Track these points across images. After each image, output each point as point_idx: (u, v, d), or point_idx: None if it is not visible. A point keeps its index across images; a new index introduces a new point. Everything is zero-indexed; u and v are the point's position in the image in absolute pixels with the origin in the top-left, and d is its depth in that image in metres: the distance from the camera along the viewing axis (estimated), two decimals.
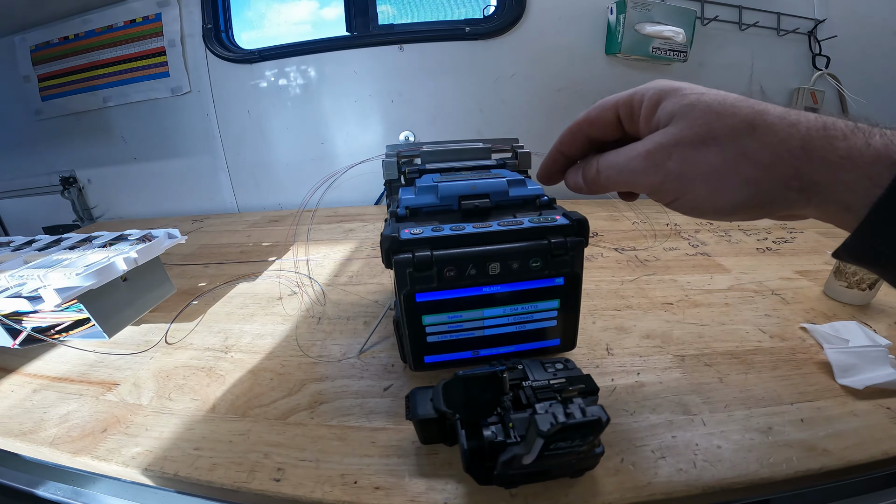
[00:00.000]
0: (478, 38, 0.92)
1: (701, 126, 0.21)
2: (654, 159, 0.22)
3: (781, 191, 0.20)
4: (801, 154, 0.19)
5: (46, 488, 0.42)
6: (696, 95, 0.22)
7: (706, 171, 0.21)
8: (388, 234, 0.32)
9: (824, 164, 0.19)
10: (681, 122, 0.22)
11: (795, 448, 0.31)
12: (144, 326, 0.51)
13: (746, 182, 0.20)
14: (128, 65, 1.00)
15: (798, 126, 0.19)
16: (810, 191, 0.19)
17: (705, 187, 0.21)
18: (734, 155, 0.20)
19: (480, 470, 0.27)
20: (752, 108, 0.20)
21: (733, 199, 0.21)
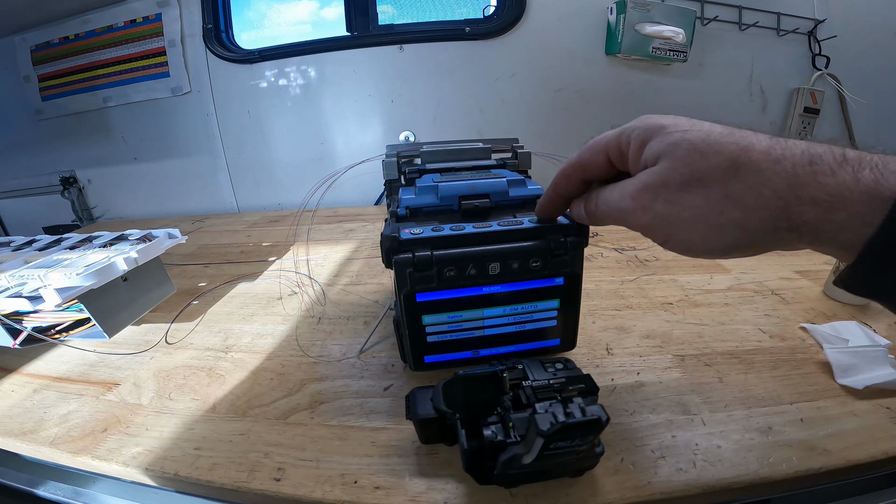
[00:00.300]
0: (478, 38, 0.92)
1: (686, 167, 0.21)
2: (643, 201, 0.23)
3: (771, 231, 0.20)
4: (787, 194, 0.19)
5: (46, 488, 0.42)
6: (681, 133, 0.21)
7: (692, 214, 0.21)
8: (388, 234, 0.32)
9: (813, 205, 0.19)
10: (666, 161, 0.22)
11: (795, 448, 0.31)
12: (145, 326, 0.51)
13: (734, 225, 0.20)
14: (128, 65, 1.00)
15: (783, 163, 0.19)
16: (801, 230, 0.19)
17: (694, 230, 0.22)
18: (719, 198, 0.20)
19: (480, 470, 0.27)
20: (737, 145, 0.20)
21: (723, 241, 0.21)
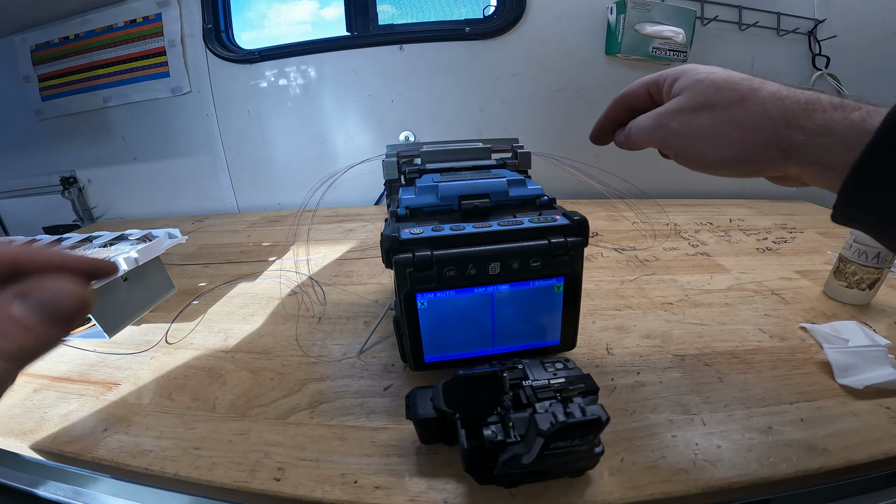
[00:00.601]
0: (478, 38, 0.92)
1: (700, 96, 0.26)
2: (661, 120, 0.28)
3: (761, 150, 0.24)
4: (780, 121, 0.23)
5: (47, 488, 0.42)
6: (706, 73, 0.27)
7: (699, 132, 0.26)
8: (389, 233, 0.32)
9: (801, 131, 0.23)
10: (687, 93, 0.27)
11: (795, 448, 0.31)
12: (145, 326, 0.51)
13: (731, 142, 0.25)
14: (128, 65, 1.00)
15: (784, 100, 0.23)
16: (789, 151, 0.23)
17: (699, 144, 0.26)
18: (723, 120, 0.25)
19: (480, 469, 0.27)
20: (750, 85, 0.25)
21: (722, 155, 0.26)
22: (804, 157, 0.23)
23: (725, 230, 0.75)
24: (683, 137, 0.27)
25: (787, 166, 0.24)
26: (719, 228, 0.76)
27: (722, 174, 0.27)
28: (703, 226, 0.78)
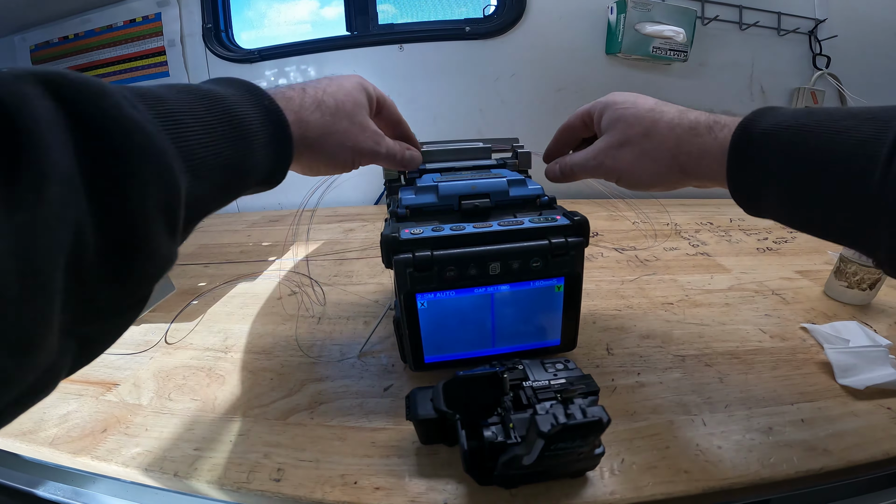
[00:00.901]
0: (478, 37, 0.92)
1: (620, 134, 0.32)
2: (598, 158, 0.34)
3: (669, 173, 0.31)
4: (674, 149, 0.30)
5: (46, 488, 0.42)
6: (623, 109, 0.32)
7: (625, 165, 0.32)
8: (388, 234, 0.32)
9: (689, 156, 0.29)
10: (611, 130, 0.33)
11: (796, 448, 0.31)
12: (144, 326, 0.51)
13: (648, 170, 0.31)
14: (128, 64, 1.00)
15: (675, 129, 0.30)
16: (686, 171, 0.30)
17: (628, 174, 0.33)
18: (638, 153, 0.31)
19: (480, 470, 0.27)
20: (651, 119, 0.31)
21: (646, 180, 0.32)
22: (697, 174, 0.30)
23: (726, 230, 0.75)
24: (616, 171, 0.33)
25: (692, 182, 0.31)
26: (720, 228, 0.76)
27: (654, 191, 0.34)
28: (704, 225, 0.78)
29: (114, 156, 0.15)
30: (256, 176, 0.25)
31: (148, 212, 0.16)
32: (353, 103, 0.31)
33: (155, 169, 0.16)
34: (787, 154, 0.24)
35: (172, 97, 0.19)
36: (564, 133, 0.39)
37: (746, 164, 0.26)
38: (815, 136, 0.23)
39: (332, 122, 0.30)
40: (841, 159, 0.21)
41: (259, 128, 0.24)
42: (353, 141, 0.31)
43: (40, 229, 0.12)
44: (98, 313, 0.16)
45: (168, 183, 0.17)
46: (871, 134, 0.20)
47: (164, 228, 0.17)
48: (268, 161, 0.25)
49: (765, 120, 0.25)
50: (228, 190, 0.23)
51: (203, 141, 0.20)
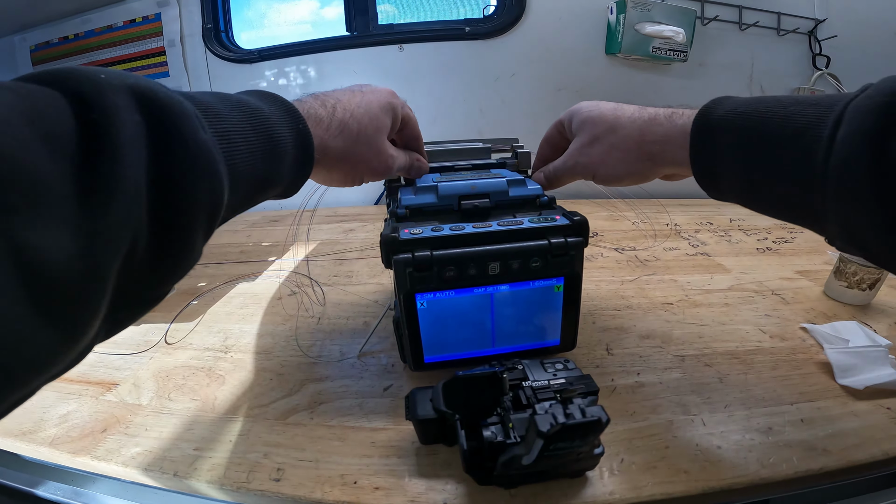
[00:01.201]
0: (478, 37, 0.92)
1: (589, 133, 0.35)
2: (574, 158, 0.37)
3: (638, 162, 0.33)
4: (639, 138, 0.32)
5: (46, 488, 0.42)
6: (587, 112, 0.36)
7: (597, 159, 0.35)
8: (388, 234, 0.32)
9: (653, 143, 0.32)
10: (581, 132, 0.36)
11: (795, 448, 0.31)
12: (144, 326, 0.51)
13: (618, 161, 0.34)
14: (128, 65, 1.00)
15: (636, 122, 0.33)
16: (653, 158, 0.32)
17: (602, 168, 0.35)
18: (607, 147, 0.34)
19: (480, 470, 0.27)
20: (614, 116, 0.34)
21: (617, 171, 0.35)
22: (663, 160, 0.32)
23: (726, 230, 0.75)
24: (590, 166, 0.36)
25: (660, 169, 0.33)
26: (719, 228, 0.76)
27: (626, 185, 0.36)
28: (704, 226, 0.78)
29: (181, 174, 0.17)
30: (277, 189, 0.27)
31: (196, 224, 0.18)
32: (375, 128, 0.32)
33: (209, 186, 0.18)
34: (741, 136, 0.26)
35: (227, 114, 0.21)
36: (545, 145, 0.42)
37: (706, 146, 0.28)
38: (766, 119, 0.25)
39: (351, 147, 0.31)
40: (788, 140, 0.24)
41: (290, 149, 0.25)
42: (367, 165, 0.33)
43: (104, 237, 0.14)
44: (134, 303, 0.18)
45: (216, 199, 0.19)
46: (814, 118, 0.23)
47: (203, 236, 0.19)
48: (290, 178, 0.27)
49: (721, 107, 0.28)
50: (253, 200, 0.25)
51: (246, 159, 0.22)
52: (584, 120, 0.36)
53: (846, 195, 0.21)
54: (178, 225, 0.17)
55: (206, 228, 0.19)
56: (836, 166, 0.21)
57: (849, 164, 0.21)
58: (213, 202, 0.19)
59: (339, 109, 0.30)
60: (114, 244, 0.14)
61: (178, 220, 0.17)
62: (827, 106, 0.22)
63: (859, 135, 0.20)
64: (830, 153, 0.21)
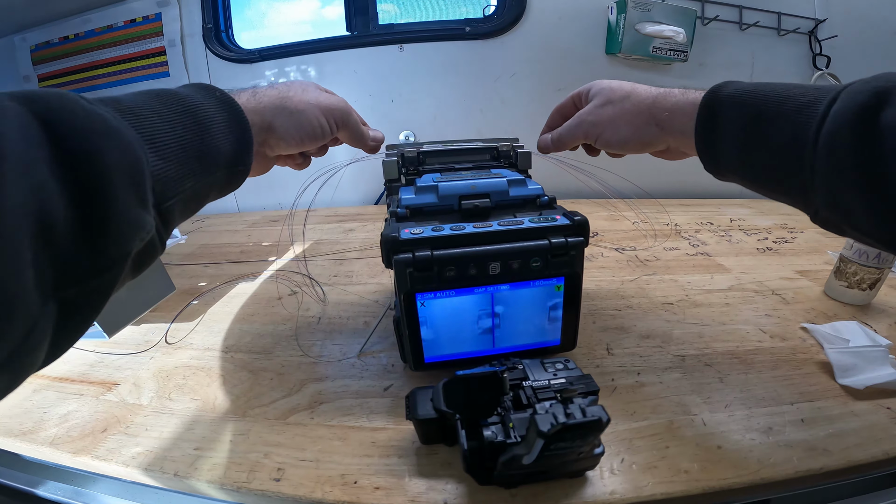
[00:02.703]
0: (478, 37, 0.92)
1: (603, 97, 0.38)
2: (582, 117, 0.39)
3: (646, 127, 0.35)
4: (652, 105, 0.34)
5: (46, 488, 0.42)
6: (608, 82, 0.38)
7: (605, 119, 0.37)
8: (388, 234, 0.32)
9: (663, 110, 0.34)
10: (595, 97, 0.38)
11: (796, 448, 0.31)
12: (144, 326, 0.51)
13: (627, 123, 0.36)
14: (128, 64, 1.00)
15: (651, 92, 0.35)
16: (661, 125, 0.34)
17: (607, 129, 0.37)
18: (619, 109, 0.36)
19: (480, 470, 0.27)
20: (632, 87, 0.37)
21: (624, 134, 0.36)
22: (670, 128, 0.33)
23: (726, 230, 0.75)
24: (597, 125, 0.38)
25: (664, 137, 0.34)
26: (720, 228, 0.76)
27: (625, 150, 0.38)
28: (704, 226, 0.78)
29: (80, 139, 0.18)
30: (222, 158, 0.27)
31: (112, 176, 0.18)
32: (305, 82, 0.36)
33: (115, 143, 0.19)
34: (744, 111, 0.28)
35: (127, 97, 0.23)
36: (555, 114, 0.44)
37: (713, 119, 0.30)
38: (768, 98, 0.27)
39: (286, 90, 0.33)
40: (787, 116, 0.25)
41: (215, 114, 0.27)
42: (315, 98, 0.35)
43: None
44: (75, 275, 0.18)
45: (130, 154, 0.20)
46: (813, 98, 0.25)
47: (131, 193, 0.20)
48: (230, 143, 0.28)
49: (730, 86, 0.30)
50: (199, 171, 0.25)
51: (161, 128, 0.23)
52: (603, 87, 0.38)
53: (833, 161, 0.23)
54: (95, 186, 0.18)
55: (133, 185, 0.20)
56: (825, 135, 0.23)
57: (838, 133, 0.22)
58: (124, 158, 0.19)
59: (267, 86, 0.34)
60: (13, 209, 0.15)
61: (93, 181, 0.18)
62: (827, 89, 0.24)
63: (851, 109, 0.22)
64: (822, 126, 0.23)
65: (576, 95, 0.41)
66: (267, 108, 0.32)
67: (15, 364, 0.16)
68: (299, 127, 0.33)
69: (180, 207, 0.24)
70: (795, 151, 0.25)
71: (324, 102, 0.35)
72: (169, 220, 0.23)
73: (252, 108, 0.31)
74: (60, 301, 0.17)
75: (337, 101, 0.37)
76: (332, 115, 0.36)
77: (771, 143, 0.27)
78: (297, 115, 0.33)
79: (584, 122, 0.38)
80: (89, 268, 0.18)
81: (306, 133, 0.34)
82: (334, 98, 0.37)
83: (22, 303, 0.15)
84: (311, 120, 0.34)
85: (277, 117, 0.32)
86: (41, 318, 0.17)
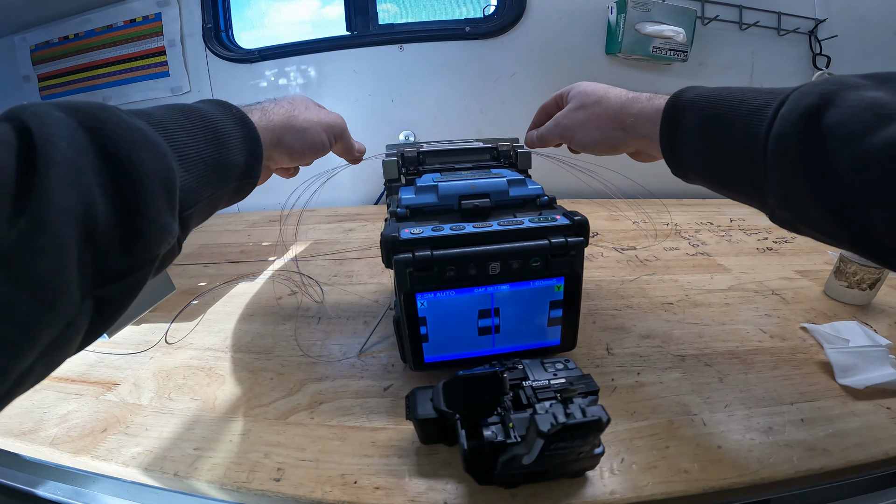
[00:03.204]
0: (478, 37, 0.92)
1: (578, 101, 0.39)
2: (558, 120, 0.41)
3: (612, 131, 0.37)
4: (619, 111, 0.36)
5: (46, 488, 0.42)
6: (584, 86, 0.40)
7: (577, 122, 0.39)
8: (388, 234, 0.32)
9: (629, 115, 0.35)
10: (571, 101, 0.40)
11: (796, 448, 0.31)
12: (144, 326, 0.51)
13: (595, 127, 0.38)
14: (128, 64, 1.00)
15: (620, 97, 0.36)
16: (626, 129, 0.36)
17: (580, 131, 0.39)
18: (590, 114, 0.38)
19: (480, 470, 0.27)
20: (605, 92, 0.38)
21: (592, 137, 0.38)
22: (635, 132, 0.35)
23: (726, 230, 0.75)
24: (570, 128, 0.40)
25: (630, 141, 0.36)
26: (720, 228, 0.76)
27: (596, 152, 0.39)
28: (704, 225, 0.78)
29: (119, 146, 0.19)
30: (236, 170, 0.29)
31: (150, 184, 0.20)
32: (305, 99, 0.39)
33: (153, 154, 0.21)
34: (703, 116, 0.29)
35: (157, 111, 0.25)
36: (541, 112, 0.46)
37: (673, 124, 0.31)
38: (725, 102, 0.28)
39: (291, 108, 0.36)
40: (740, 119, 0.26)
41: (232, 130, 0.29)
42: (317, 116, 0.38)
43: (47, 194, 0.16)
44: (111, 275, 0.19)
45: (165, 165, 0.21)
46: (765, 101, 0.25)
47: (164, 201, 0.21)
48: (243, 157, 0.29)
49: (691, 91, 0.31)
50: (215, 182, 0.27)
51: (187, 142, 0.25)
52: (579, 91, 0.40)
53: (782, 161, 0.23)
54: (135, 193, 0.19)
55: (166, 194, 0.21)
56: (773, 138, 0.24)
57: (785, 135, 0.23)
58: (161, 168, 0.21)
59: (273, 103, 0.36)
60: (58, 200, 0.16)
61: (133, 188, 0.19)
62: (779, 92, 0.25)
63: (797, 111, 0.23)
64: (771, 128, 0.24)
65: (558, 96, 0.43)
66: (277, 126, 0.34)
67: (53, 353, 0.18)
68: (305, 143, 0.36)
69: (198, 215, 0.26)
70: (748, 154, 0.26)
71: (325, 120, 0.38)
72: (187, 227, 0.25)
73: (263, 125, 0.32)
74: (97, 298, 0.19)
75: (335, 117, 0.40)
76: (332, 132, 0.39)
77: (727, 147, 0.28)
78: (303, 132, 0.36)
79: (560, 125, 0.41)
80: (124, 269, 0.20)
81: (309, 149, 0.37)
82: (332, 115, 0.40)
83: (66, 298, 0.17)
84: (315, 137, 0.37)
85: (286, 134, 0.35)
86: (80, 313, 0.18)
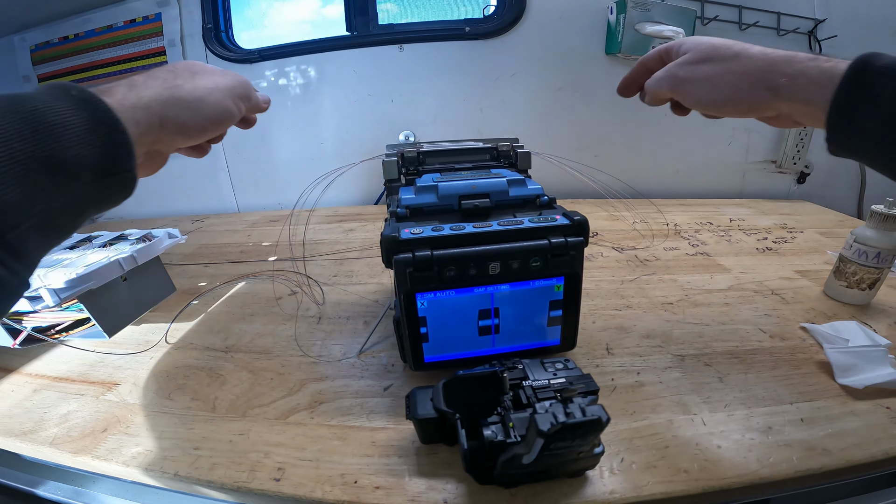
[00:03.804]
0: (478, 37, 0.92)
1: (702, 53, 0.33)
2: (671, 70, 0.35)
3: (752, 90, 0.31)
4: (767, 68, 0.30)
5: (47, 488, 0.42)
6: (707, 39, 0.34)
7: (700, 77, 0.33)
8: (388, 233, 0.32)
9: (783, 75, 0.29)
10: (691, 52, 0.34)
11: (795, 448, 0.31)
12: (145, 326, 0.51)
13: (728, 84, 0.31)
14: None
15: (768, 55, 0.30)
16: (775, 90, 0.30)
17: (702, 87, 0.33)
18: (721, 69, 0.32)
19: (480, 470, 0.27)
20: (742, 46, 0.32)
21: (721, 95, 0.32)
22: (789, 94, 0.29)
23: (725, 230, 0.75)
24: (689, 82, 0.34)
25: (776, 103, 0.30)
26: (719, 228, 0.76)
27: (721, 113, 0.34)
28: (703, 225, 0.78)
29: None
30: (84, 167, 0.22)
31: None
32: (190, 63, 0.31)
33: None
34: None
35: None
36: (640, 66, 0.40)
37: (862, 92, 0.26)
38: None
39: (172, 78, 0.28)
40: None
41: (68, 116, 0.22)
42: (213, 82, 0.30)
43: None
44: None
45: None
46: None
47: None
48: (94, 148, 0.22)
49: (883, 58, 0.26)
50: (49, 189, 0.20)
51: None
52: (702, 42, 0.34)
53: None
54: None
55: None
56: None
57: None
58: None
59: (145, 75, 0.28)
60: None
61: None
62: None
63: None
64: None
65: (663, 50, 0.38)
66: (153, 102, 0.27)
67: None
68: (202, 116, 0.29)
69: (36, 234, 0.20)
70: None
71: (224, 84, 0.31)
72: (20, 252, 0.19)
73: (132, 104, 0.26)
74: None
75: (233, 77, 0.33)
76: (236, 95, 0.32)
77: None
78: (196, 103, 0.29)
79: (674, 77, 0.35)
80: None
81: (211, 121, 0.30)
82: (230, 75, 0.33)
83: None
84: (215, 107, 0.30)
85: (170, 110, 0.28)
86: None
